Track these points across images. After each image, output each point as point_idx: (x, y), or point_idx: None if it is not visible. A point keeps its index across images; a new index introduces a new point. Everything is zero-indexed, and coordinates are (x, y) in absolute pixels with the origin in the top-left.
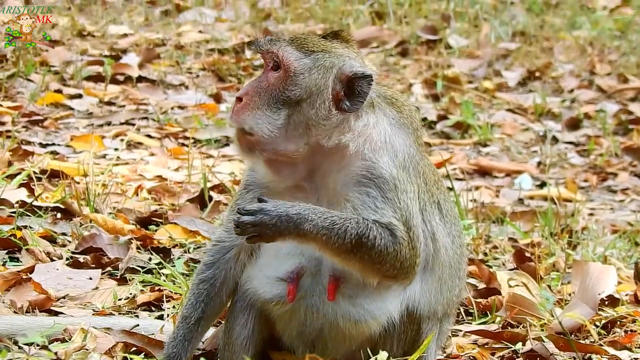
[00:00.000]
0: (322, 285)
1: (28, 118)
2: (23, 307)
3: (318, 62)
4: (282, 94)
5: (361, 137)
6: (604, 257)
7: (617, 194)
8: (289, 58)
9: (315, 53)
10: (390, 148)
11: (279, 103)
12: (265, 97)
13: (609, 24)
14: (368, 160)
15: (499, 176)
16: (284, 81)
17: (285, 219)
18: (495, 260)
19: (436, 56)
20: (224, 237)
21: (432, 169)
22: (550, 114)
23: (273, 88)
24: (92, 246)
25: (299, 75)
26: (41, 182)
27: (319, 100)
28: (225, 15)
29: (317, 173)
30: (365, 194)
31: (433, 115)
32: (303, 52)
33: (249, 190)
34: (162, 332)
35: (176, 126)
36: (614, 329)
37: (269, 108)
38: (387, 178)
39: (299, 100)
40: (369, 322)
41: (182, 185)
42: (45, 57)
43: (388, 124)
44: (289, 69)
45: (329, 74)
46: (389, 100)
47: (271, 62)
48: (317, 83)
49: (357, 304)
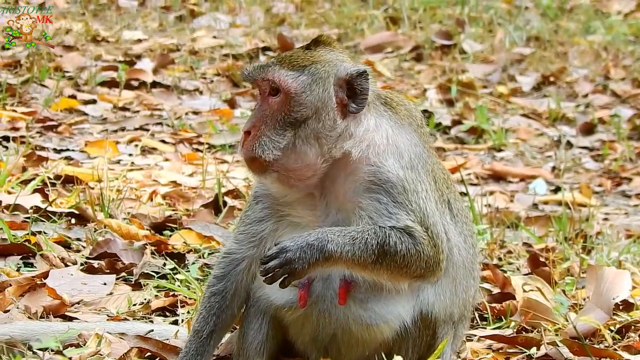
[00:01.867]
0: (333, 290)
1: (42, 124)
2: (37, 312)
3: (314, 76)
4: (289, 116)
5: (363, 142)
6: (618, 262)
7: (632, 198)
8: (286, 80)
9: (307, 67)
10: (395, 149)
11: (285, 125)
12: (271, 123)
13: (623, 29)
14: (373, 165)
15: (513, 181)
16: (287, 104)
17: (308, 248)
18: (510, 265)
19: (450, 61)
20: (235, 249)
21: (440, 167)
22: (565, 118)
23: (277, 113)
24: (106, 251)
25: (301, 94)
26: (55, 187)
27: (324, 113)
28: (240, 21)
29: (326, 180)
30: (376, 200)
31: (447, 121)
32: (296, 70)
33: (258, 202)
34: (176, 337)
35: (190, 132)
36: (628, 333)
37: (275, 132)
38: (394, 182)
39: (306, 118)
40: (380, 326)
41: (196, 190)
42: (59, 62)
43: (388, 125)
44: (289, 91)
45: (328, 83)
46: (383, 100)
47: (267, 88)
48: (320, 97)
49: (369, 308)
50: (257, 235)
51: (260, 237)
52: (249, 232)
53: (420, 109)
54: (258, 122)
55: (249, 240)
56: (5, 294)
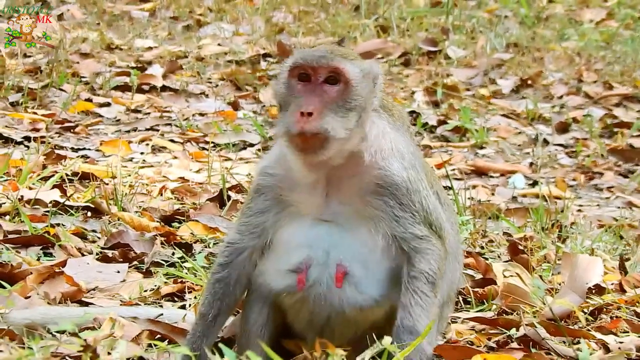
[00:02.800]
0: (329, 274)
1: (61, 125)
2: (56, 298)
3: (364, 70)
4: (348, 103)
5: (373, 146)
6: (591, 250)
7: (603, 191)
8: (350, 71)
9: (356, 61)
10: (397, 152)
11: (346, 111)
12: (333, 108)
13: (595, 36)
14: (381, 169)
15: (494, 176)
16: (347, 93)
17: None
18: (491, 253)
19: (436, 66)
20: (237, 239)
21: (425, 162)
22: (542, 118)
23: (338, 100)
24: (119, 242)
25: (359, 84)
26: (73, 183)
27: (369, 103)
28: (242, 30)
29: (332, 176)
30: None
31: (433, 120)
32: (352, 62)
33: (260, 194)
34: (184, 320)
35: (197, 132)
36: (600, 315)
37: (340, 116)
38: (399, 184)
39: (362, 107)
40: (373, 308)
41: (202, 185)
42: (76, 69)
43: (389, 128)
44: (350, 81)
45: (370, 77)
46: (382, 105)
47: (324, 75)
48: (370, 88)
49: (363, 292)
50: (259, 227)
51: (262, 229)
52: (251, 223)
53: (409, 110)
54: (319, 104)
55: (250, 231)
56: (26, 282)
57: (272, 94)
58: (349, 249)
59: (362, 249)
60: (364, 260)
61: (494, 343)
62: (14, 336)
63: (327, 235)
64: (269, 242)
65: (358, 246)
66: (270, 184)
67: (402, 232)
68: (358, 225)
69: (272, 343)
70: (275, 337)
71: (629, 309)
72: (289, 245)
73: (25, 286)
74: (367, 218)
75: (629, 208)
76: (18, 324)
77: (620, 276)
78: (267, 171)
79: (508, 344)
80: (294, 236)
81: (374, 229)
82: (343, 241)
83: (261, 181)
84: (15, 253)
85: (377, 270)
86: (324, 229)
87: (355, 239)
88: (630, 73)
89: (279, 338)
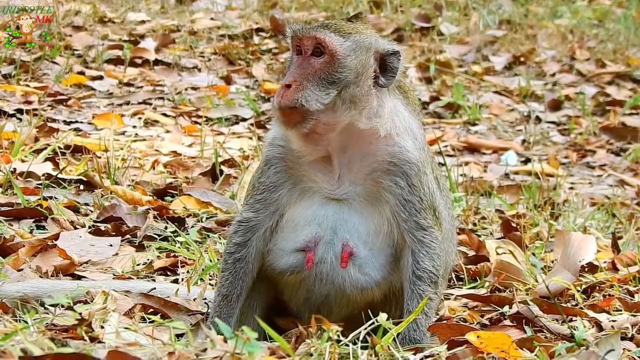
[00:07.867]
0: (334, 253)
1: (53, 98)
2: (48, 271)
3: (358, 44)
4: (331, 76)
5: (388, 123)
6: (583, 228)
7: (595, 169)
8: (334, 43)
9: (352, 35)
10: (411, 132)
11: (327, 84)
12: (313, 80)
13: (588, 13)
14: (395, 146)
15: (486, 153)
16: (331, 65)
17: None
18: (484, 230)
19: (429, 42)
20: (251, 216)
21: (429, 147)
22: (534, 96)
23: (320, 72)
24: (112, 215)
25: (347, 57)
26: (65, 156)
27: (363, 79)
28: (235, 4)
29: (345, 154)
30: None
31: (426, 97)
32: (342, 35)
33: (270, 166)
34: (176, 295)
35: (190, 106)
36: (593, 293)
37: (318, 88)
38: (413, 162)
39: (348, 81)
40: (373, 289)
41: (195, 160)
42: (69, 41)
43: (404, 109)
44: (336, 53)
45: (369, 53)
46: (397, 84)
47: (311, 47)
48: (363, 63)
49: (365, 273)
50: (273, 203)
51: (276, 205)
52: (265, 199)
53: None
54: (300, 77)
55: (265, 208)
56: (19, 254)
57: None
58: (356, 230)
59: (368, 231)
60: (369, 242)
61: (486, 320)
62: (7, 309)
63: (335, 214)
64: (282, 219)
65: (364, 228)
66: (280, 155)
67: (406, 218)
68: (366, 206)
69: (264, 320)
70: (267, 312)
71: (622, 287)
72: (298, 223)
73: (17, 259)
74: (376, 200)
75: (621, 186)
76: (11, 297)
77: (613, 254)
78: (276, 142)
79: (501, 321)
80: (304, 214)
81: (381, 212)
82: (351, 221)
83: (270, 152)
84: (8, 226)
85: (380, 254)
86: (333, 208)
87: (362, 220)
88: (623, 51)
89: (271, 315)
